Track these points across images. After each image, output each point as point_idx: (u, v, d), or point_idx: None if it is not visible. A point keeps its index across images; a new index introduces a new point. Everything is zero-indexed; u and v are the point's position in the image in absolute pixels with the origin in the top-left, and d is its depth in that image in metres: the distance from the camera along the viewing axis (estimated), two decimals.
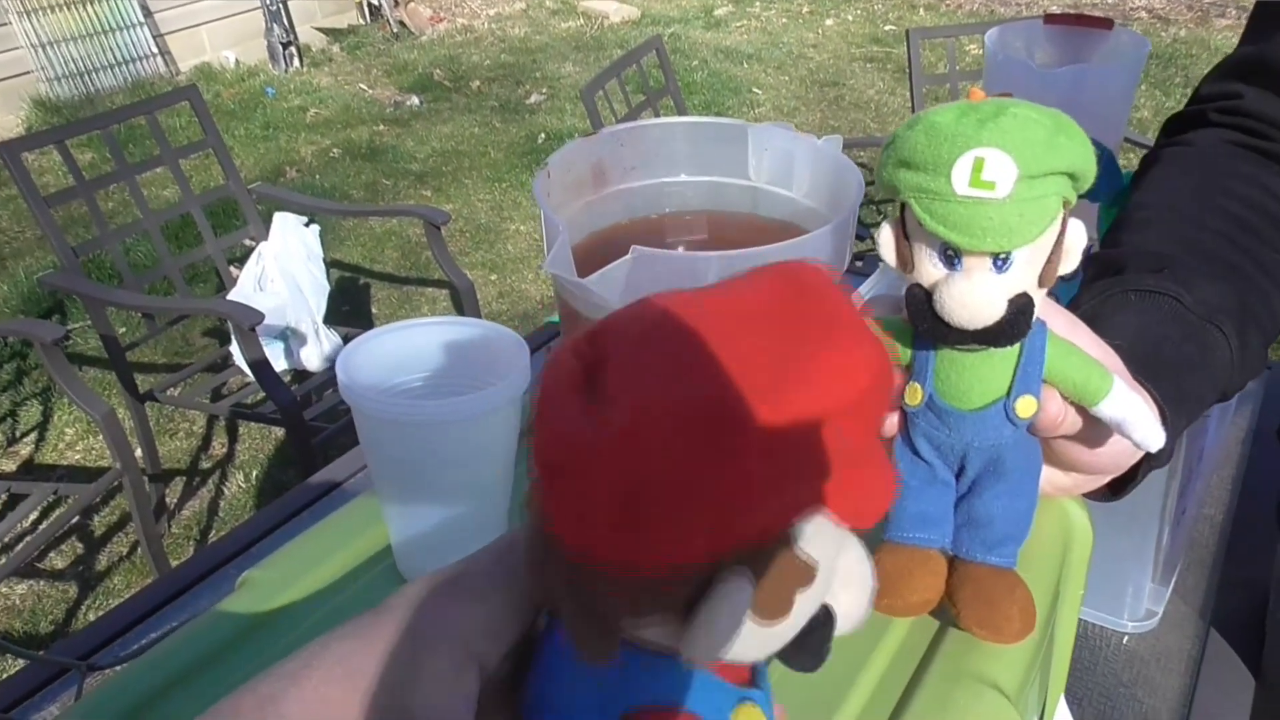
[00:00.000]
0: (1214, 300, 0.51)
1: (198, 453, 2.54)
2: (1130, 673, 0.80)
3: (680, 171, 0.64)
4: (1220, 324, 0.51)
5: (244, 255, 2.48)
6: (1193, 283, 0.51)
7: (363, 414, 0.52)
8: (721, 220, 0.65)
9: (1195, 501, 0.96)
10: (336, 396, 2.10)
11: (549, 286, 3.33)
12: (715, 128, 0.63)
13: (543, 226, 0.57)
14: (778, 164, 0.62)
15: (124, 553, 2.21)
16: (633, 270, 0.49)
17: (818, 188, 0.61)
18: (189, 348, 2.86)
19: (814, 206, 0.62)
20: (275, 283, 2.34)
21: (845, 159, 0.58)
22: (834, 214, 0.58)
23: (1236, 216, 0.56)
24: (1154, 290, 0.51)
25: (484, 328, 0.54)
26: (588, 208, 0.62)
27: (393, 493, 0.56)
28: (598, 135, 0.61)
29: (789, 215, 0.63)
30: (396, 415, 0.51)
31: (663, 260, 0.50)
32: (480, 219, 3.73)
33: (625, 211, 0.64)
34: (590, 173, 0.62)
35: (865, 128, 4.43)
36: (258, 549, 1.03)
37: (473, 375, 0.54)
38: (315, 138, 4.39)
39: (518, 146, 4.31)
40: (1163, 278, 0.52)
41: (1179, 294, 0.51)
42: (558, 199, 0.59)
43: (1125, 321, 0.50)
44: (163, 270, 2.24)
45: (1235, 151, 0.61)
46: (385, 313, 3.17)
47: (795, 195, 0.63)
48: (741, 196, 0.65)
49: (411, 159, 4.22)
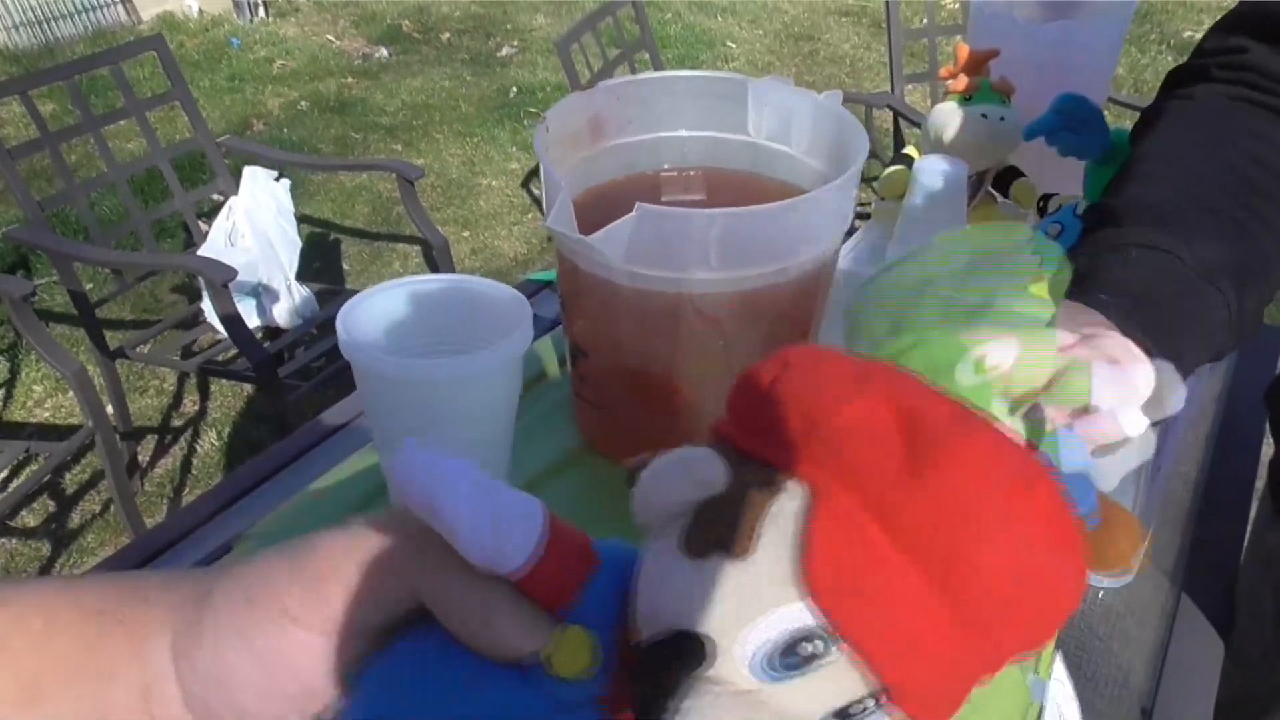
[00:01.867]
0: (1214, 259, 0.50)
1: (169, 410, 2.51)
2: (1106, 626, 0.82)
3: (678, 126, 0.64)
4: (1219, 284, 0.50)
5: (213, 210, 2.43)
6: (1193, 239, 0.51)
7: (362, 371, 0.52)
8: (719, 179, 0.64)
9: (1171, 458, 0.97)
10: (311, 354, 2.08)
11: (522, 243, 3.30)
12: (715, 82, 0.62)
13: (542, 182, 0.56)
14: (778, 120, 0.61)
15: (96, 511, 2.19)
16: (636, 228, 0.48)
17: (818, 145, 0.60)
18: (158, 304, 2.82)
19: (814, 164, 0.61)
20: (246, 238, 2.30)
21: (849, 115, 0.58)
22: (834, 171, 0.58)
23: (1241, 172, 0.55)
24: (1153, 246, 0.50)
25: (487, 286, 0.53)
26: (584, 163, 0.61)
27: (387, 450, 0.56)
28: (595, 89, 0.60)
29: (788, 173, 0.63)
30: (396, 373, 0.50)
31: (666, 218, 0.49)
32: (452, 174, 3.68)
33: (622, 167, 0.63)
34: (588, 127, 0.61)
35: (841, 83, 4.40)
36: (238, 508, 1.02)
37: (475, 333, 0.53)
38: (282, 90, 4.30)
39: (489, 100, 4.25)
40: (1163, 233, 0.51)
41: (1179, 251, 0.50)
42: (555, 154, 0.58)
43: (1124, 278, 0.50)
44: (130, 225, 2.19)
45: (1240, 106, 0.60)
46: (357, 269, 3.14)
47: (795, 152, 0.62)
48: (741, 153, 0.64)
49: (381, 112, 4.14)
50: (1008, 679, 0.47)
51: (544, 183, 0.56)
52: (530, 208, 3.50)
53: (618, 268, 0.51)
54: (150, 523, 2.13)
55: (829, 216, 0.53)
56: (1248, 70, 0.60)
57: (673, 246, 0.50)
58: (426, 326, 0.55)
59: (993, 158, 1.03)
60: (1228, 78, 0.61)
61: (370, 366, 0.51)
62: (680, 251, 0.50)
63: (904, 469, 0.24)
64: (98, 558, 2.08)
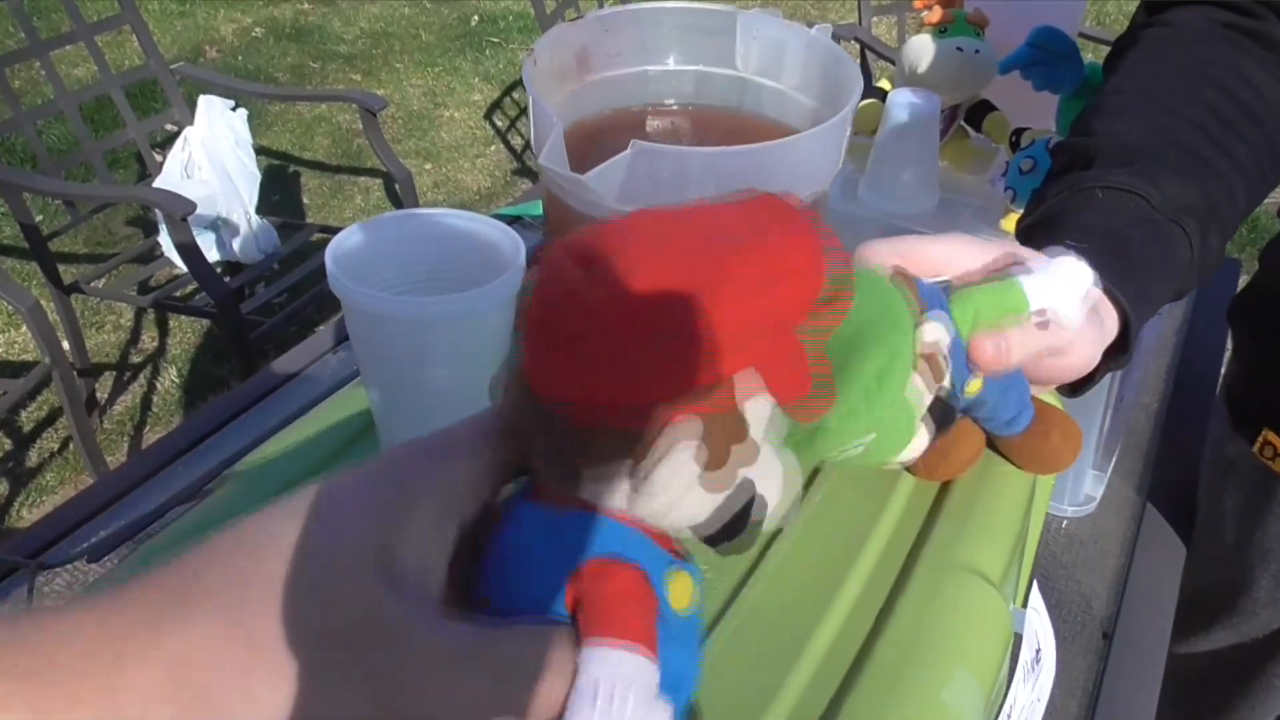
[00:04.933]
0: (1181, 199, 0.50)
1: (127, 347, 2.47)
2: (1070, 554, 0.84)
3: (666, 59, 0.63)
4: (1184, 224, 0.50)
5: (167, 140, 2.37)
6: (1161, 179, 0.51)
7: (351, 307, 0.51)
8: (706, 116, 0.63)
9: (1133, 390, 0.99)
10: (274, 289, 2.04)
11: (486, 176, 3.25)
12: (702, 14, 0.61)
13: (530, 117, 0.55)
14: (767, 54, 0.61)
15: (55, 449, 2.16)
16: (630, 166, 0.48)
17: (809, 80, 0.60)
18: (112, 237, 2.75)
19: (805, 100, 0.60)
20: (203, 170, 2.25)
21: (842, 51, 0.57)
22: (825, 107, 0.57)
23: (1213, 107, 0.55)
24: (1122, 188, 0.50)
25: (481, 222, 0.52)
26: (572, 97, 0.60)
27: (381, 390, 0.55)
28: (583, 20, 0.59)
29: (777, 108, 0.62)
30: (385, 310, 0.50)
31: (661, 155, 0.49)
32: (413, 105, 3.60)
33: (609, 101, 0.62)
34: (574, 60, 0.60)
35: (806, 14, 4.35)
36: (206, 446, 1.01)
37: (467, 271, 0.52)
38: (235, 15, 4.16)
39: (451, 29, 4.15)
40: (1132, 173, 0.51)
41: (1147, 193, 0.50)
42: (542, 87, 0.57)
43: (1093, 221, 0.50)
44: (81, 155, 2.13)
45: (1218, 33, 0.58)
46: (318, 203, 3.08)
47: (785, 87, 0.61)
48: (729, 88, 0.63)
49: (339, 40, 4.03)
50: (993, 613, 0.48)
51: (533, 118, 0.55)
52: (494, 140, 3.44)
53: (609, 206, 0.51)
54: (111, 461, 2.10)
55: (824, 155, 0.53)
56: None
57: (667, 185, 0.49)
58: (417, 262, 0.54)
59: (967, 91, 1.03)
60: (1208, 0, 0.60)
61: (357, 302, 0.50)
62: (674, 190, 0.50)
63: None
64: (58, 496, 2.06)
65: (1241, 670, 0.94)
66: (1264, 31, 0.58)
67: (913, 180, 0.97)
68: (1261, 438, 0.83)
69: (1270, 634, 0.90)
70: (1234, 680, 0.95)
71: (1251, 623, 0.91)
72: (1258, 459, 0.84)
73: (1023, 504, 0.55)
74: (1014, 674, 0.52)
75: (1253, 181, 0.56)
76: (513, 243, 0.51)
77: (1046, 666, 0.60)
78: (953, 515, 0.52)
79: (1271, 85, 0.56)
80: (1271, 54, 0.57)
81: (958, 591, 0.48)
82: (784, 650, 0.44)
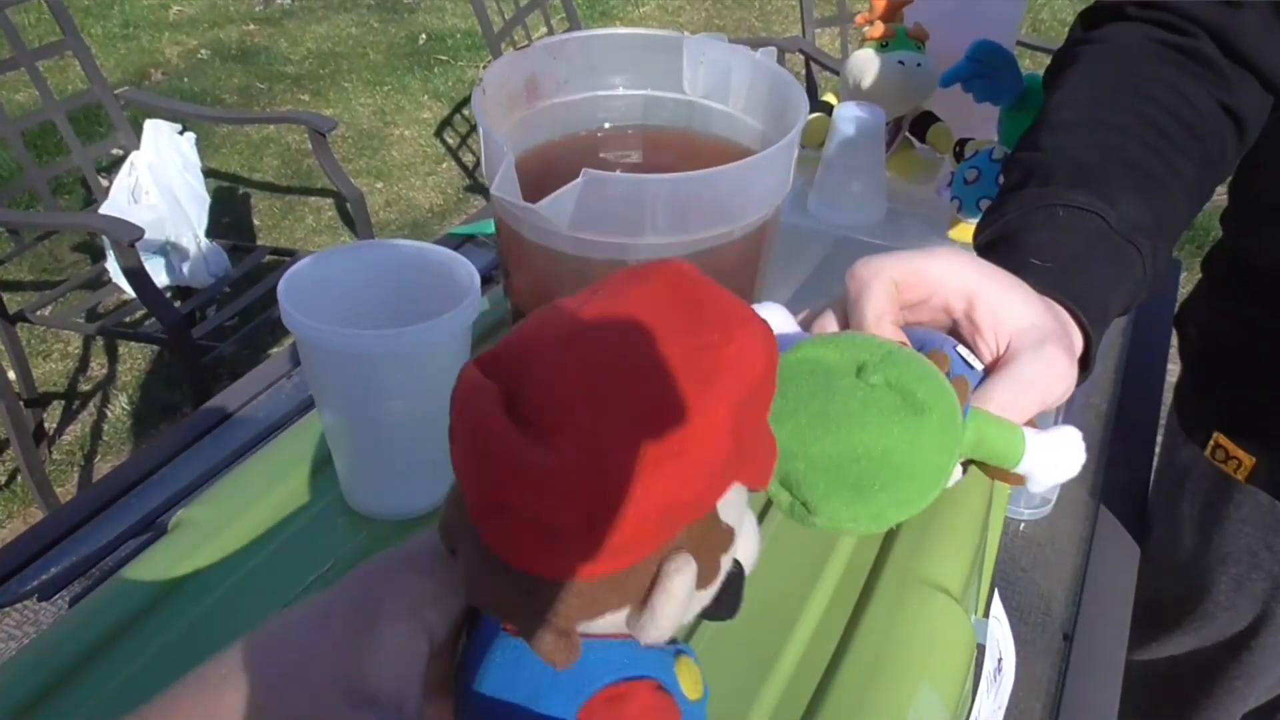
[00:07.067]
0: (1135, 217, 0.52)
1: (75, 375, 2.42)
2: (1028, 557, 0.85)
3: (615, 85, 0.63)
4: (1139, 243, 0.51)
5: (112, 165, 2.33)
6: (1116, 197, 0.52)
7: (305, 341, 0.51)
8: (657, 137, 0.64)
9: (1083, 392, 1.01)
10: (225, 314, 2.01)
11: (439, 194, 3.23)
12: (649, 39, 0.61)
13: (481, 145, 0.55)
14: (714, 77, 0.61)
15: (1, 482, 2.11)
16: (582, 194, 0.48)
17: (755, 103, 0.60)
18: (58, 264, 2.70)
19: (752, 122, 0.61)
20: (150, 194, 2.21)
21: (786, 73, 0.58)
22: (773, 128, 0.58)
23: (1158, 125, 0.56)
24: (1082, 207, 0.51)
25: (436, 253, 0.52)
26: (521, 124, 0.60)
27: (338, 424, 0.55)
28: (531, 48, 0.59)
29: (726, 130, 0.63)
30: (338, 345, 0.50)
31: (613, 184, 0.49)
32: (362, 124, 3.58)
33: (559, 128, 0.63)
34: (524, 87, 0.60)
35: (750, 26, 4.39)
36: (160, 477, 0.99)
37: (422, 302, 0.52)
38: (180, 37, 4.11)
39: (399, 48, 4.13)
40: (1090, 192, 0.52)
41: (1105, 212, 0.51)
42: (492, 115, 0.57)
43: (1053, 241, 0.51)
44: (26, 182, 2.09)
45: (1155, 51, 0.60)
46: (269, 224, 3.04)
47: (733, 110, 0.62)
48: (678, 111, 0.64)
49: (286, 61, 3.99)
50: (956, 626, 0.49)
51: (484, 147, 0.55)
52: (444, 157, 3.43)
53: (563, 234, 0.51)
54: (62, 492, 2.06)
55: (775, 176, 0.53)
56: (1162, 9, 0.60)
57: (619, 212, 0.49)
58: (371, 292, 0.54)
59: (911, 103, 1.05)
60: (1142, 16, 0.61)
61: (312, 338, 0.50)
62: (627, 216, 0.50)
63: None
64: (6, 531, 2.01)
65: (1204, 673, 0.95)
66: (1196, 49, 0.59)
67: (861, 191, 0.98)
68: (1213, 440, 0.85)
69: (1231, 636, 0.91)
70: (1198, 683, 0.96)
71: (1212, 626, 0.92)
72: (1210, 462, 0.86)
73: (981, 514, 0.56)
74: (978, 685, 0.52)
75: (1194, 196, 0.57)
76: (466, 271, 0.51)
77: (1007, 674, 0.61)
78: (913, 529, 0.52)
79: (1207, 102, 0.58)
80: (1206, 71, 0.59)
81: (920, 607, 0.49)
82: (750, 673, 0.45)
